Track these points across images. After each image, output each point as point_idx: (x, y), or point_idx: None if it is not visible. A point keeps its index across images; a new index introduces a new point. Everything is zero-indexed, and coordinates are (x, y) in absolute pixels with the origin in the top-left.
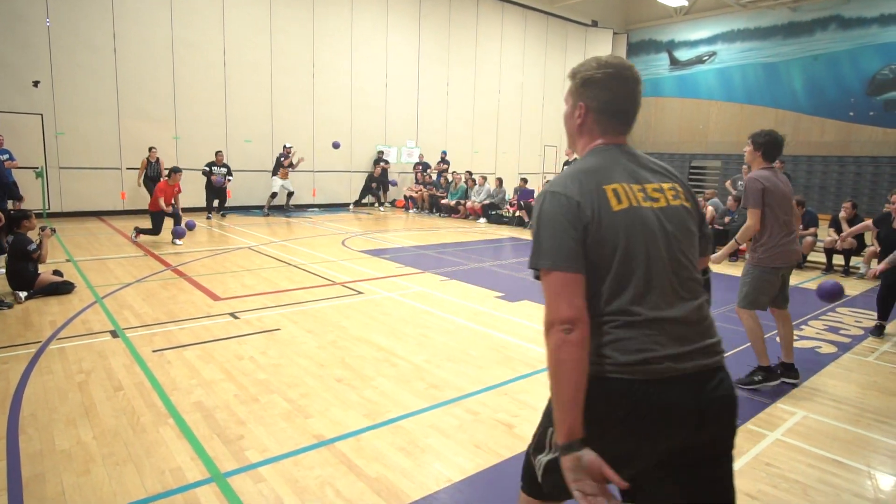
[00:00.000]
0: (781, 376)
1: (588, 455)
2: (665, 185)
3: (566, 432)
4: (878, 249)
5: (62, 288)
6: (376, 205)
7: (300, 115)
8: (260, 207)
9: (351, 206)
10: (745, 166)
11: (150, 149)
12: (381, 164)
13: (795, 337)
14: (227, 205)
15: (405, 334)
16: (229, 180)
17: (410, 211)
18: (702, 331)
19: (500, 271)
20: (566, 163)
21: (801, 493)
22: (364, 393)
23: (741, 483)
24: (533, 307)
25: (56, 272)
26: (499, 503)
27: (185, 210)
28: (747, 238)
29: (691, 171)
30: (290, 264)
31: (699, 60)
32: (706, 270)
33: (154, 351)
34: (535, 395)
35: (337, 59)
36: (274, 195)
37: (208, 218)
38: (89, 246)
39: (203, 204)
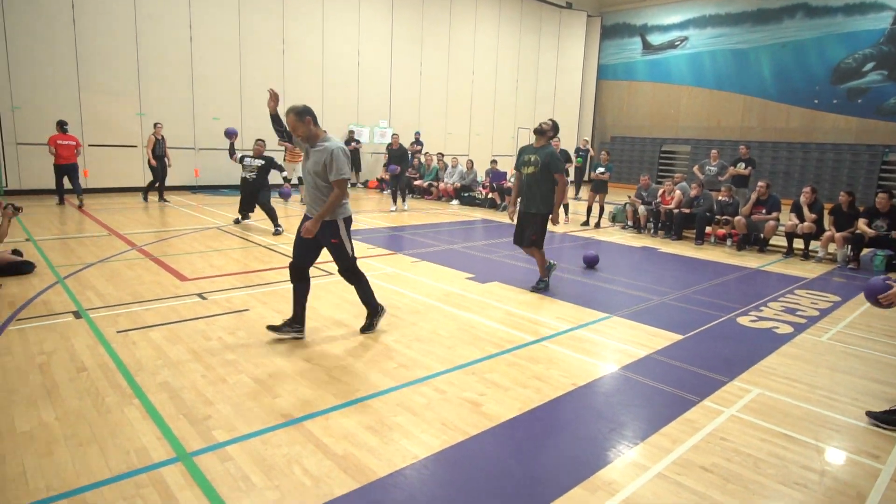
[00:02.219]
0: None
1: None
2: None
3: None
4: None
5: (22, 268)
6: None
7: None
8: (228, 186)
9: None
10: (714, 151)
11: (156, 125)
12: (353, 143)
13: (754, 318)
14: (200, 184)
15: None
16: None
17: (384, 192)
18: None
19: (472, 253)
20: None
21: (753, 466)
22: (332, 373)
23: (696, 457)
24: (502, 288)
25: (15, 251)
26: (463, 478)
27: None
28: None
29: (661, 155)
30: (259, 245)
31: (671, 45)
32: None
33: (119, 332)
34: (502, 375)
35: (308, 37)
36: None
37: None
38: (50, 225)
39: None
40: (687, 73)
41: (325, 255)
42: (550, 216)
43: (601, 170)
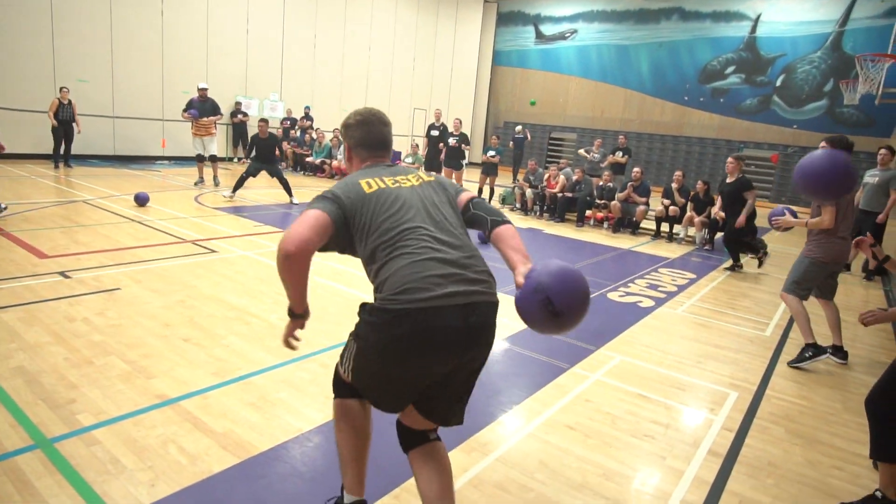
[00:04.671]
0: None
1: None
2: (410, 176)
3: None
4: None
5: None
6: (235, 160)
7: (147, 55)
8: (97, 157)
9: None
10: (598, 140)
11: (61, 89)
12: (240, 116)
13: (622, 293)
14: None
15: (260, 293)
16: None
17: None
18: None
19: None
20: (431, 126)
21: (610, 422)
22: (213, 352)
23: (563, 417)
24: None
25: None
26: None
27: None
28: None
29: (550, 141)
30: (133, 220)
31: (562, 36)
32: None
33: None
34: None
35: None
36: (201, 158)
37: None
38: None
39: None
40: (575, 64)
41: (214, 232)
42: None
43: (492, 153)
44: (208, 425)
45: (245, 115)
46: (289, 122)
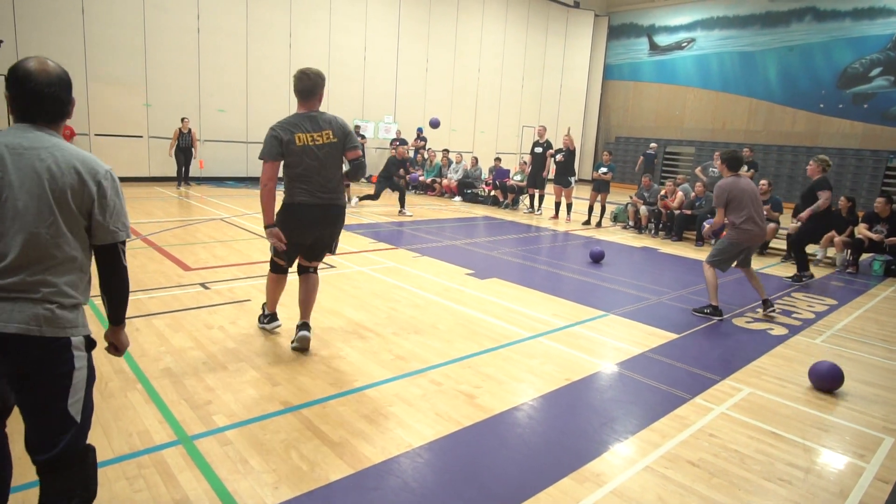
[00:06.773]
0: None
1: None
2: (324, 133)
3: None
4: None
5: None
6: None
7: (276, 85)
8: (232, 178)
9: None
10: (717, 152)
11: (183, 119)
12: (359, 138)
13: (749, 319)
14: (200, 175)
15: (375, 308)
16: None
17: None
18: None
19: (472, 249)
20: (535, 143)
21: (739, 462)
22: (331, 363)
23: (684, 452)
24: (501, 284)
25: None
26: (455, 467)
27: (157, 180)
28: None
29: (666, 156)
30: (262, 237)
31: (678, 46)
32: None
33: None
34: (498, 369)
35: (315, 31)
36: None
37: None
38: None
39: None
40: (693, 74)
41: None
42: None
43: (603, 170)
44: (326, 434)
45: (363, 137)
46: (398, 143)
